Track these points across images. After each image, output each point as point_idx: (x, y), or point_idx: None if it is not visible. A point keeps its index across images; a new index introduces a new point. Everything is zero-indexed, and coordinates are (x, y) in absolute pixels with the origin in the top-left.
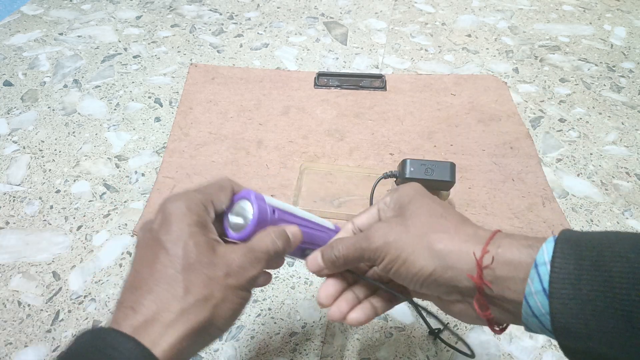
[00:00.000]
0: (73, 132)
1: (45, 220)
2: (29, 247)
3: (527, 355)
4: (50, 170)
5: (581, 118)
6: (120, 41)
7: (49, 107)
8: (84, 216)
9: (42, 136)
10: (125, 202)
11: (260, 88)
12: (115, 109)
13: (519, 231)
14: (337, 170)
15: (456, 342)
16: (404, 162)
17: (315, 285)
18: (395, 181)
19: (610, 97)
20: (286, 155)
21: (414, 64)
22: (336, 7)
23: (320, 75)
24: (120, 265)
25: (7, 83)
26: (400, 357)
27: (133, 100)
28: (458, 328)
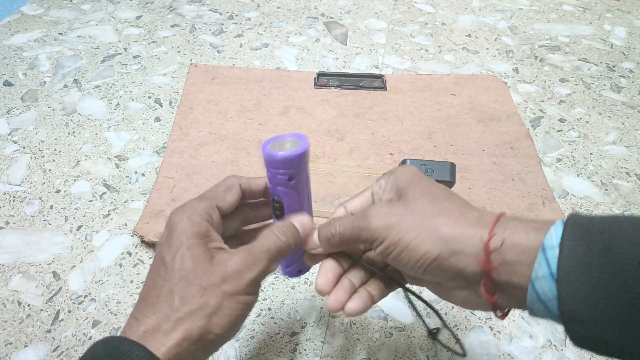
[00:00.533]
0: (73, 132)
1: (45, 220)
2: (29, 247)
3: (527, 355)
4: (50, 170)
5: (581, 118)
6: (120, 41)
7: (49, 107)
8: (84, 216)
9: (42, 136)
10: (125, 202)
11: (260, 88)
12: (115, 109)
13: None
14: (337, 170)
15: (456, 343)
16: (404, 162)
17: (315, 285)
18: None
19: (610, 97)
20: None
21: (414, 64)
22: (336, 7)
23: (320, 75)
24: (120, 265)
25: (7, 83)
26: (400, 357)
27: (133, 100)
28: (458, 328)
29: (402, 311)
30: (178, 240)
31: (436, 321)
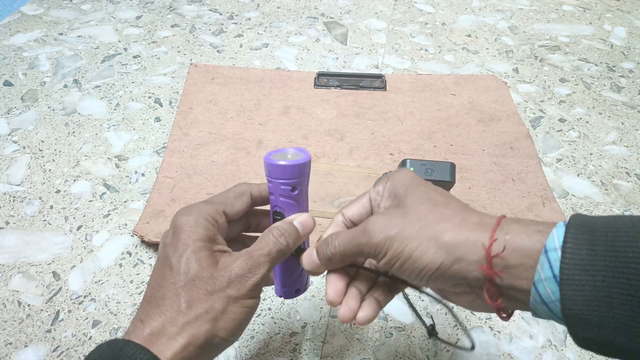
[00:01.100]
0: (73, 132)
1: (45, 220)
2: (29, 247)
3: (527, 355)
4: (50, 170)
5: (581, 118)
6: (120, 41)
7: (49, 107)
8: (84, 216)
9: (42, 136)
10: (125, 202)
11: (260, 88)
12: (115, 109)
13: None
14: (337, 170)
15: (457, 342)
16: (404, 162)
17: (315, 285)
18: None
19: (610, 97)
20: None
21: (414, 64)
22: (336, 7)
23: (320, 75)
24: (120, 265)
25: (7, 83)
26: (400, 357)
27: (133, 100)
28: (458, 328)
29: (402, 311)
30: (184, 243)
31: (438, 320)
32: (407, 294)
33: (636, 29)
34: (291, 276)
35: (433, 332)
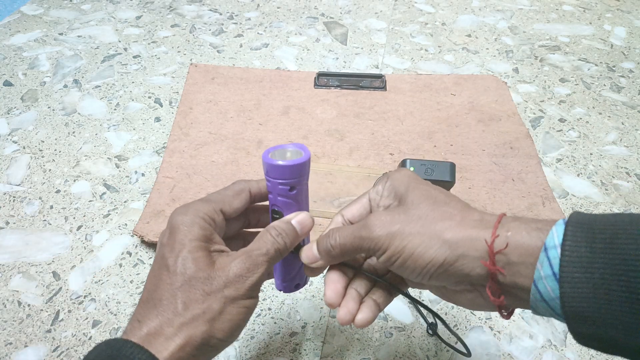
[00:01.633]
0: (73, 132)
1: (45, 220)
2: (29, 247)
3: (527, 355)
4: (50, 170)
5: (581, 118)
6: (120, 41)
7: (49, 107)
8: (84, 216)
9: (42, 136)
10: (125, 202)
11: (260, 88)
12: (115, 109)
13: None
14: (337, 170)
15: (456, 343)
16: (404, 162)
17: (315, 285)
18: None
19: (610, 97)
20: None
21: (414, 64)
22: (336, 7)
23: (320, 75)
24: (120, 265)
25: (7, 83)
26: (400, 357)
27: (133, 100)
28: (458, 328)
29: (402, 311)
30: (180, 243)
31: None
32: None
33: (636, 29)
34: (291, 272)
35: (434, 331)
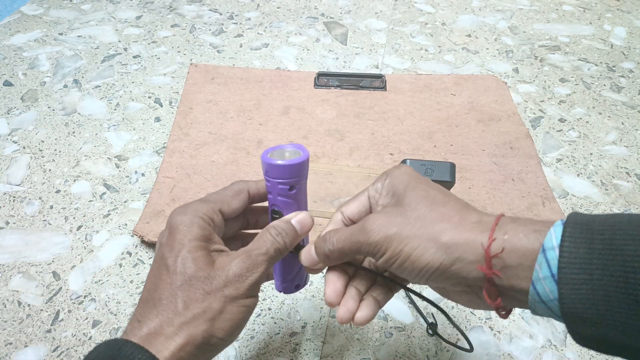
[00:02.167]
0: (73, 132)
1: (45, 220)
2: (29, 247)
3: (527, 355)
4: (50, 170)
5: (581, 118)
6: (120, 41)
7: (49, 107)
8: (84, 216)
9: (42, 136)
10: (125, 202)
11: (260, 88)
12: (115, 109)
13: None
14: (337, 170)
15: (457, 341)
16: (404, 162)
17: (315, 285)
18: None
19: (610, 97)
20: None
21: (414, 64)
22: (336, 7)
23: (320, 75)
24: (120, 265)
25: (7, 83)
26: (400, 357)
27: (133, 100)
28: None
29: (402, 311)
30: (180, 242)
31: (439, 319)
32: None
33: (636, 29)
34: (290, 272)
35: (434, 330)
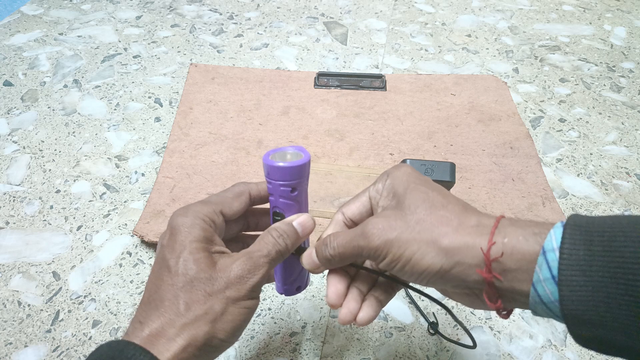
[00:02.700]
0: (73, 132)
1: (45, 220)
2: (29, 247)
3: (527, 355)
4: (50, 170)
5: (581, 118)
6: (120, 41)
7: (49, 107)
8: (84, 216)
9: (42, 136)
10: (125, 202)
11: (260, 88)
12: (115, 109)
13: None
14: (337, 170)
15: (458, 339)
16: (404, 162)
17: (315, 285)
18: None
19: (610, 97)
20: None
21: (414, 64)
22: (336, 7)
23: (320, 75)
24: (120, 265)
25: (7, 83)
26: (400, 357)
27: (133, 100)
28: (458, 328)
29: (402, 311)
30: (181, 244)
31: (439, 318)
32: (410, 292)
33: (636, 29)
34: (292, 274)
35: (435, 329)
